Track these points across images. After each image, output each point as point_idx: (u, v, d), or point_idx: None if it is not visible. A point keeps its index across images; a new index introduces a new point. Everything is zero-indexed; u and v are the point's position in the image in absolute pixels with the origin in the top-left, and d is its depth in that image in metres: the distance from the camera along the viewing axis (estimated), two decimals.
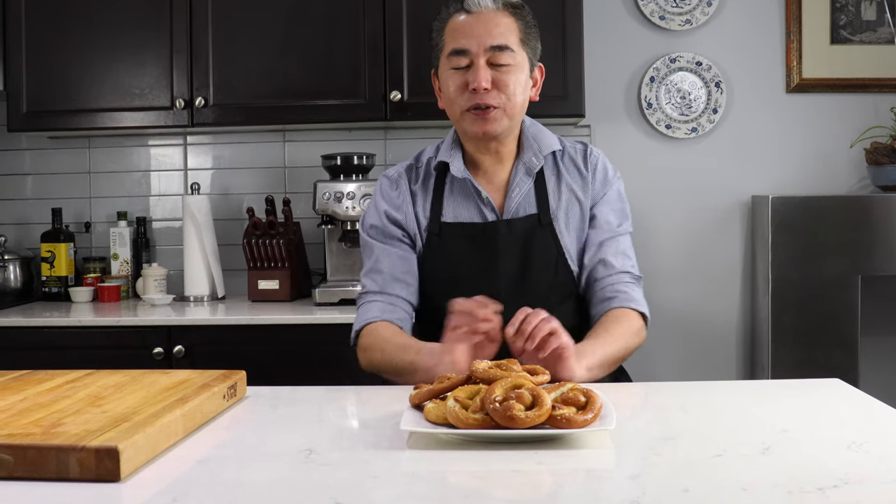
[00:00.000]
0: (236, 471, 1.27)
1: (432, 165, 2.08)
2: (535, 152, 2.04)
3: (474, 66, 1.94)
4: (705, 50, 3.62)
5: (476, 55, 1.94)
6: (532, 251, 2.00)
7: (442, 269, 2.01)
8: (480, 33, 1.94)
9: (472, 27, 1.95)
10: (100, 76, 3.36)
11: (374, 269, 2.05)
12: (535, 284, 2.00)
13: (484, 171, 2.06)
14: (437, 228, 2.03)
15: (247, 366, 1.81)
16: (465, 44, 1.94)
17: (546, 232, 2.01)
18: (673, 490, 1.15)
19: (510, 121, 1.99)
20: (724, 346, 3.66)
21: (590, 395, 1.40)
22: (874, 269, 3.33)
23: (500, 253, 1.99)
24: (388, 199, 2.09)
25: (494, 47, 1.94)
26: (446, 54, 1.98)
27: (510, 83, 1.95)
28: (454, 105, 1.98)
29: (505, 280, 1.98)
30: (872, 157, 3.47)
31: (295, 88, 3.33)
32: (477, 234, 2.01)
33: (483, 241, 2.00)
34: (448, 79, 1.98)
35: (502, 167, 2.06)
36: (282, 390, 1.79)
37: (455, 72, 1.97)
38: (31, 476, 1.19)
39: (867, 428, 1.47)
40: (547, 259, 2.00)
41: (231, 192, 3.71)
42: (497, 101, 1.95)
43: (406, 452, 1.33)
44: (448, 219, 2.03)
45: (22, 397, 1.49)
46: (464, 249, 2.00)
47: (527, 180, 2.03)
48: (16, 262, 3.53)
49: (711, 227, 3.65)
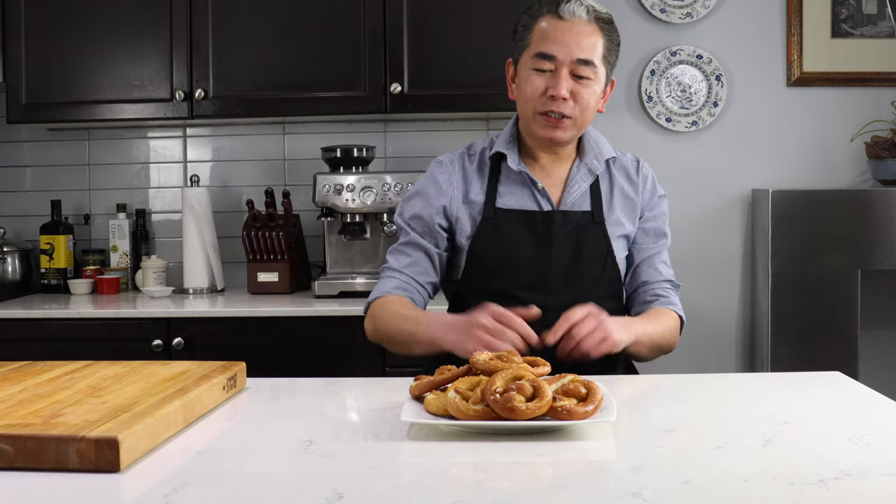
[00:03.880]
0: (236, 462, 1.27)
1: (487, 155, 2.11)
2: (596, 155, 2.09)
3: (557, 73, 1.97)
4: (706, 43, 3.61)
5: (561, 63, 1.97)
6: (584, 245, 2.04)
7: (495, 254, 2.05)
8: (569, 43, 1.97)
9: (563, 35, 1.97)
10: (99, 68, 3.35)
11: (403, 252, 2.10)
12: (585, 277, 2.04)
13: (541, 166, 2.09)
14: (491, 213, 2.05)
15: (246, 358, 1.80)
16: (554, 51, 1.97)
17: (598, 229, 2.06)
18: (674, 481, 1.15)
19: (578, 131, 2.04)
20: (724, 340, 3.66)
21: (591, 387, 1.40)
22: (874, 263, 3.33)
23: (554, 242, 2.03)
24: (436, 184, 2.11)
25: (580, 60, 1.97)
26: (531, 54, 2.00)
27: (587, 96, 1.99)
28: (528, 105, 2.01)
29: (556, 269, 2.02)
30: (873, 151, 3.46)
31: (295, 80, 3.32)
32: (534, 221, 2.04)
33: (539, 229, 2.04)
34: (528, 78, 2.01)
35: (561, 165, 2.10)
36: (281, 382, 1.79)
37: (537, 74, 1.99)
38: (30, 466, 1.19)
39: (868, 420, 1.47)
40: (598, 254, 2.05)
41: (230, 184, 3.71)
42: (571, 112, 1.98)
43: (406, 444, 1.33)
44: (503, 205, 2.06)
45: (21, 388, 1.49)
46: (518, 235, 2.04)
47: (587, 178, 2.08)
48: (15, 254, 3.52)
49: (711, 220, 3.65)
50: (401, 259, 2.10)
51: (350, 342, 3.00)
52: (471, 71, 3.27)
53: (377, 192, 3.24)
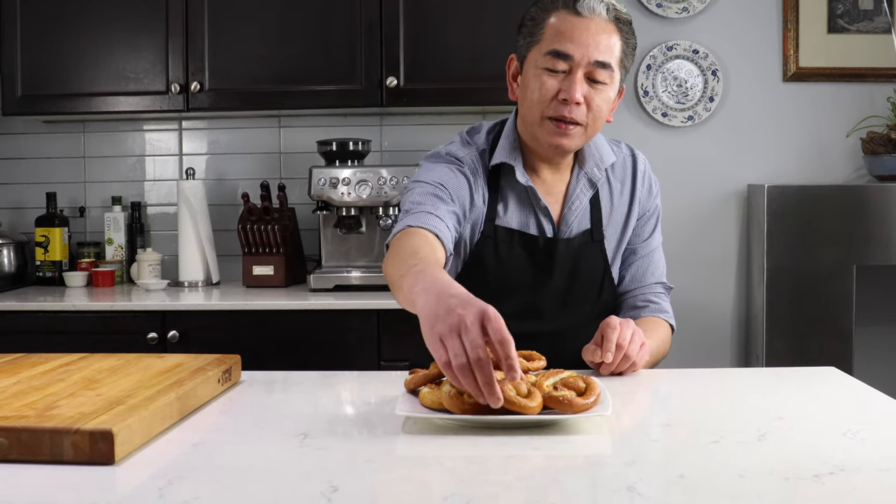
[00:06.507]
0: (231, 455, 1.26)
1: (488, 161, 1.93)
2: (596, 162, 1.95)
3: (572, 75, 1.80)
4: (702, 38, 3.61)
5: (577, 65, 1.79)
6: (581, 268, 1.94)
7: (491, 275, 1.91)
8: (588, 43, 1.78)
9: (581, 34, 1.79)
10: (95, 60, 3.35)
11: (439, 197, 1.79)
12: (580, 301, 1.96)
13: (543, 178, 1.95)
14: (491, 231, 1.91)
15: (241, 352, 1.80)
16: (571, 50, 1.78)
17: (596, 248, 1.95)
18: (669, 476, 1.15)
19: (585, 140, 1.88)
20: (719, 335, 3.66)
21: (589, 382, 1.41)
22: (869, 258, 3.33)
23: (555, 270, 1.92)
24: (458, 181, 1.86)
25: (597, 62, 1.79)
26: (543, 51, 1.81)
27: (600, 102, 1.82)
28: (535, 107, 1.83)
29: (552, 295, 1.93)
30: (869, 146, 3.47)
31: (291, 74, 3.32)
32: (534, 248, 1.92)
33: (539, 256, 1.92)
34: (538, 78, 1.82)
35: (560, 177, 1.95)
36: (276, 375, 1.79)
37: (549, 74, 1.81)
38: (25, 458, 1.18)
39: (863, 416, 1.47)
40: (595, 277, 1.96)
41: (226, 177, 3.70)
42: (583, 119, 1.82)
43: (401, 437, 1.33)
44: (505, 223, 1.92)
45: (16, 380, 1.48)
46: (517, 259, 1.91)
47: (587, 192, 1.95)
48: (10, 246, 3.52)
49: (707, 215, 3.65)
50: (438, 205, 1.77)
51: (345, 336, 3.00)
52: (467, 65, 3.27)
53: (373, 186, 3.23)
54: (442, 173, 1.86)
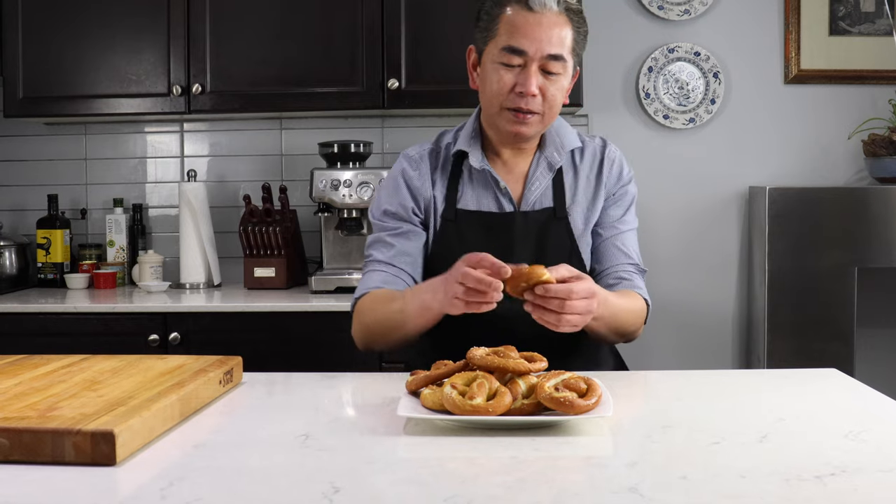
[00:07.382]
0: (233, 456, 1.26)
1: (451, 151, 2.05)
2: (556, 147, 2.03)
3: (527, 70, 1.89)
4: (704, 40, 3.61)
5: (531, 59, 1.89)
6: (547, 243, 1.98)
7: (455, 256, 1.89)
8: (541, 38, 1.88)
9: (533, 29, 1.88)
10: (96, 62, 3.35)
11: (383, 242, 2.03)
12: None
13: (504, 161, 2.03)
14: (452, 215, 2.01)
15: (242, 353, 1.80)
16: (525, 45, 1.88)
17: (561, 225, 2.00)
18: (671, 477, 1.15)
19: (544, 127, 1.98)
20: (721, 337, 3.66)
21: (590, 383, 1.41)
22: (871, 260, 3.33)
23: (516, 243, 1.97)
24: (409, 179, 2.05)
25: (550, 56, 1.89)
26: (499, 46, 1.91)
27: (555, 92, 1.92)
28: (494, 99, 1.93)
29: None
30: (870, 148, 3.46)
31: (292, 76, 3.32)
32: (494, 223, 1.99)
33: (499, 230, 1.99)
34: (494, 72, 1.92)
35: (523, 159, 2.04)
36: (278, 376, 1.79)
37: (505, 68, 1.91)
38: (26, 459, 1.19)
39: (864, 417, 1.47)
40: (561, 252, 1.98)
41: (227, 179, 3.71)
42: (539, 108, 1.92)
43: (403, 438, 1.33)
44: (464, 206, 2.01)
45: (17, 381, 1.48)
46: (479, 238, 1.97)
47: (547, 174, 2.02)
48: (11, 248, 3.52)
49: (708, 217, 3.65)
50: (384, 251, 2.02)
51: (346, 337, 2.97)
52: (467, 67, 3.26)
53: (374, 188, 3.24)
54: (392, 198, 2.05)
